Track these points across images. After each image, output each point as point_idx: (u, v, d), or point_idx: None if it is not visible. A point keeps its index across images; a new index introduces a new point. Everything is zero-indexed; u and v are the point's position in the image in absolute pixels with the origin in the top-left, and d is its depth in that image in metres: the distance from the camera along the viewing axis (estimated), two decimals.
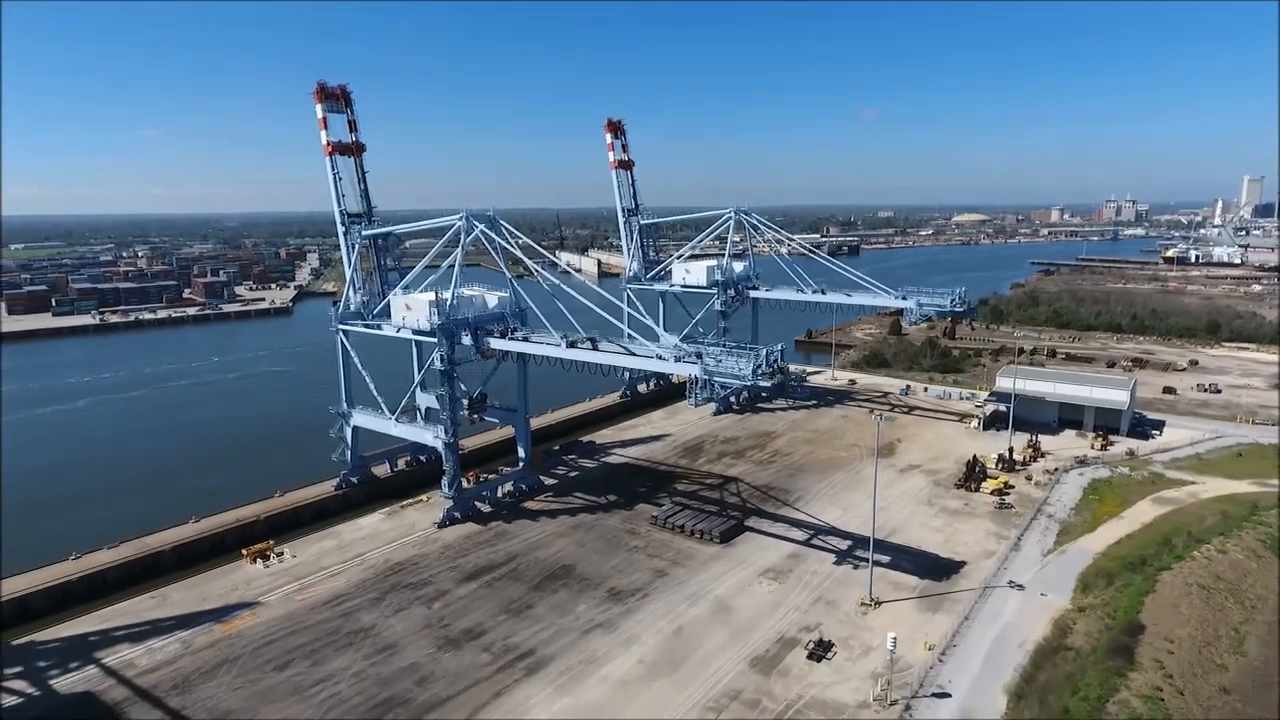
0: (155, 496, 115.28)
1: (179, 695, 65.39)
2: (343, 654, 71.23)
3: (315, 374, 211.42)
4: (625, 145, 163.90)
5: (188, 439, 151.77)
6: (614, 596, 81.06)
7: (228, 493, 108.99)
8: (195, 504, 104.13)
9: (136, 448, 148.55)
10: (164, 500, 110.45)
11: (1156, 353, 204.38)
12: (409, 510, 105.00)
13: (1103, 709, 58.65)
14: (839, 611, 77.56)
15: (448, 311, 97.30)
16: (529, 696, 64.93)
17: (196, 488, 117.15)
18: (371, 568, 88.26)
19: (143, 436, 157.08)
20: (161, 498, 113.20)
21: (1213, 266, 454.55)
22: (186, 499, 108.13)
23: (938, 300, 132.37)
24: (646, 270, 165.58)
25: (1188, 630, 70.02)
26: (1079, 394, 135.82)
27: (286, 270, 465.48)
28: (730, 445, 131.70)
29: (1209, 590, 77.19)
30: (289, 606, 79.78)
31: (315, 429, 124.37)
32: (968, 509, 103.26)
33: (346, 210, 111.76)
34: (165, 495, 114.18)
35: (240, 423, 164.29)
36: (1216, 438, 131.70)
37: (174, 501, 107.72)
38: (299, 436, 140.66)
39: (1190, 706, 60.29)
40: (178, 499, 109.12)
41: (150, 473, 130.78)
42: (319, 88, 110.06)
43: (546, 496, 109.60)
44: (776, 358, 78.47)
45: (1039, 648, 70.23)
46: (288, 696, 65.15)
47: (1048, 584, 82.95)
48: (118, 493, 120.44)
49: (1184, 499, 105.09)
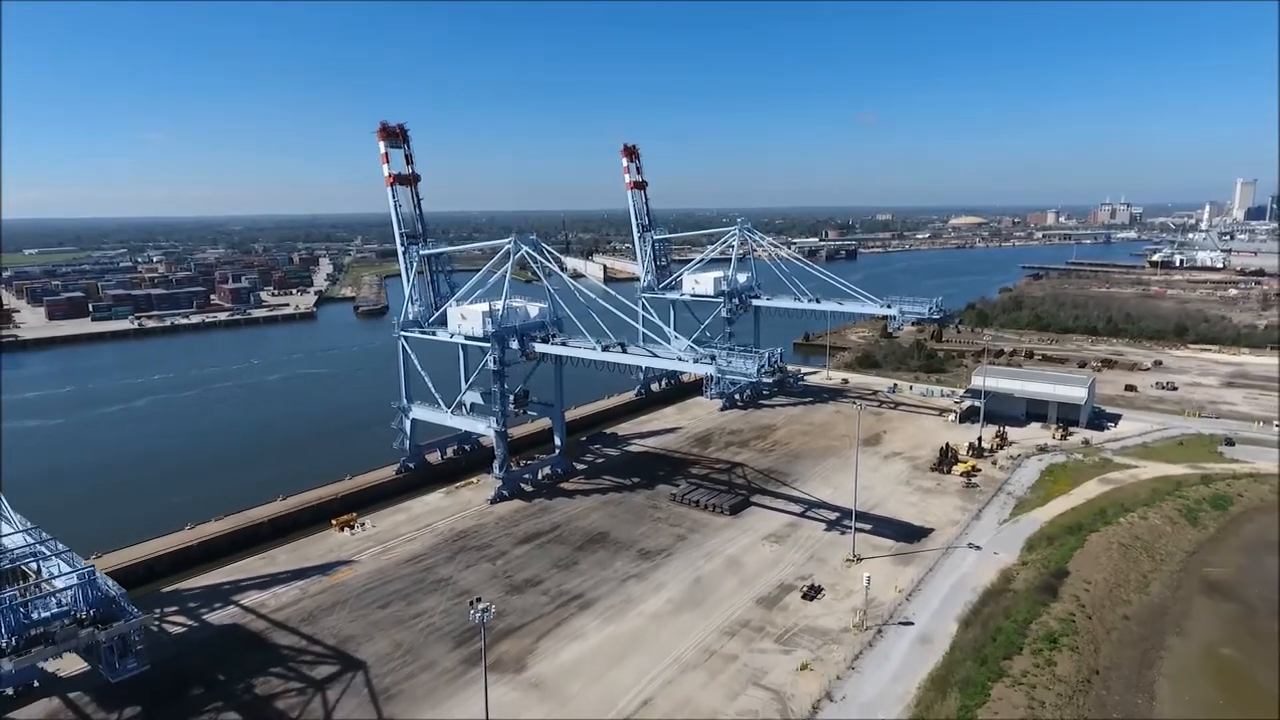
0: (237, 480, 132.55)
1: (308, 625, 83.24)
2: (430, 596, 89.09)
3: (350, 376, 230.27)
4: (639, 168, 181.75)
5: (251, 433, 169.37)
6: (644, 555, 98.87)
7: (300, 478, 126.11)
8: (277, 487, 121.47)
9: (204, 441, 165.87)
10: (246, 484, 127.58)
11: (1126, 354, 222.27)
12: (464, 490, 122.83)
13: (1026, 627, 76.48)
14: (827, 566, 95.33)
15: (499, 320, 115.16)
16: (583, 626, 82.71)
17: (274, 473, 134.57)
18: (440, 534, 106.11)
19: (208, 431, 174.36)
20: (243, 481, 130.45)
21: (1196, 271, 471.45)
22: (266, 482, 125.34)
23: (918, 308, 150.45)
24: (659, 280, 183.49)
25: (1103, 575, 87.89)
26: (1043, 391, 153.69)
27: (304, 276, 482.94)
28: (736, 436, 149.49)
29: (1127, 547, 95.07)
30: (379, 564, 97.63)
31: (361, 424, 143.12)
32: (939, 488, 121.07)
33: (406, 232, 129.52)
34: (246, 479, 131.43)
35: (293, 419, 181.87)
36: (1164, 429, 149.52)
37: (255, 485, 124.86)
38: (350, 430, 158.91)
39: (1095, 627, 78.15)
40: (257, 483, 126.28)
41: (225, 461, 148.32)
42: (382, 127, 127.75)
43: (579, 479, 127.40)
44: (777, 359, 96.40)
45: (986, 590, 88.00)
46: (393, 626, 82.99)
47: (1000, 545, 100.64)
48: (200, 477, 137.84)
49: (1125, 480, 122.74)
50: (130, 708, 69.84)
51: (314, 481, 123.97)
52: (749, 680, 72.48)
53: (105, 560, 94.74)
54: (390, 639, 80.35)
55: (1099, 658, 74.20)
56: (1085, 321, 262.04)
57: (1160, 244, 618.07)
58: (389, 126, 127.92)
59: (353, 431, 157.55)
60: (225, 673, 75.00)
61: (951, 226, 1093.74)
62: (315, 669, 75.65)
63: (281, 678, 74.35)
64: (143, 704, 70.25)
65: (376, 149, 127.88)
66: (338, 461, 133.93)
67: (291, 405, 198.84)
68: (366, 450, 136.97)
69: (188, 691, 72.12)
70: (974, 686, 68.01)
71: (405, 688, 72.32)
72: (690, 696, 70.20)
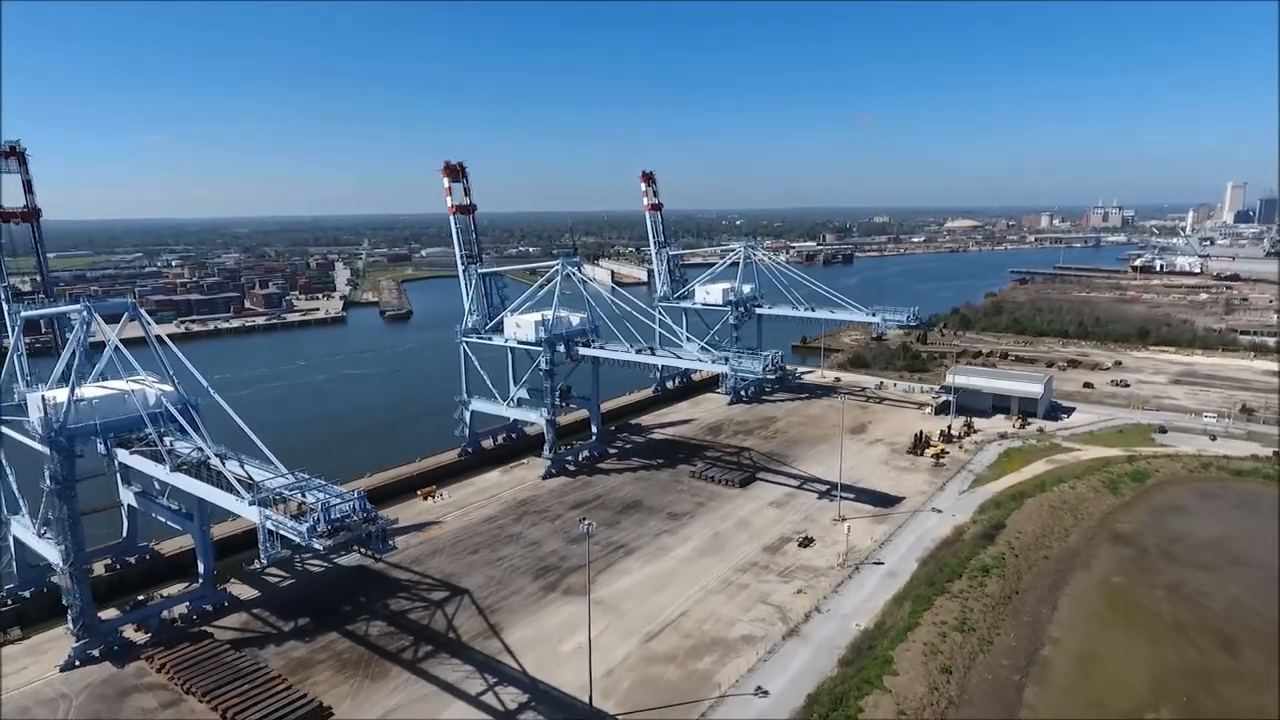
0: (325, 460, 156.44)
1: (418, 566, 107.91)
2: (507, 546, 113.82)
3: (391, 376, 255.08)
4: (656, 191, 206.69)
5: (318, 425, 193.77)
6: (672, 517, 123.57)
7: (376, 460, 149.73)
8: (361, 467, 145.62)
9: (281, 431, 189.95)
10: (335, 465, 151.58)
11: (1091, 355, 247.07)
12: (517, 469, 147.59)
13: (967, 562, 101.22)
14: (818, 524, 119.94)
15: (550, 328, 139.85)
16: (629, 566, 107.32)
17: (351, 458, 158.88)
18: (505, 502, 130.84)
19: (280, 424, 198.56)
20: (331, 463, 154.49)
21: (1174, 275, 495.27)
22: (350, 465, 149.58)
23: (898, 316, 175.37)
24: (674, 291, 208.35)
25: (1033, 528, 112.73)
26: (1006, 387, 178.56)
27: (326, 281, 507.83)
28: (742, 426, 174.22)
29: (1056, 509, 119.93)
30: (462, 523, 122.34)
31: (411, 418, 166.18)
32: (913, 467, 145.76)
33: (465, 253, 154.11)
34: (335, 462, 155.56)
35: (351, 414, 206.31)
36: (1109, 420, 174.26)
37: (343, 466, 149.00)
38: (401, 423, 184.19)
39: (1020, 563, 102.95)
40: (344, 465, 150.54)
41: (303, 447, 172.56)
42: (446, 165, 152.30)
43: (613, 460, 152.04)
44: (779, 359, 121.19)
45: (942, 541, 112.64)
46: (483, 566, 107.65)
47: (958, 510, 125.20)
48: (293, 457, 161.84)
49: (1068, 460, 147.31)
50: (301, 618, 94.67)
51: (389, 463, 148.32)
52: (758, 600, 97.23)
53: None
54: (483, 574, 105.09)
55: (1020, 583, 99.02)
56: (1058, 325, 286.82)
57: (1145, 249, 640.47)
58: (451, 165, 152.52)
59: (405, 424, 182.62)
60: (364, 596, 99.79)
61: (947, 229, 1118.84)
62: (431, 594, 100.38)
63: (407, 599, 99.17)
64: (309, 616, 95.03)
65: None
66: (402, 448, 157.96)
67: (345, 402, 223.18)
68: (424, 438, 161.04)
69: (339, 608, 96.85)
70: (922, 600, 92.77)
71: (502, 606, 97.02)
72: (714, 610, 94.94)
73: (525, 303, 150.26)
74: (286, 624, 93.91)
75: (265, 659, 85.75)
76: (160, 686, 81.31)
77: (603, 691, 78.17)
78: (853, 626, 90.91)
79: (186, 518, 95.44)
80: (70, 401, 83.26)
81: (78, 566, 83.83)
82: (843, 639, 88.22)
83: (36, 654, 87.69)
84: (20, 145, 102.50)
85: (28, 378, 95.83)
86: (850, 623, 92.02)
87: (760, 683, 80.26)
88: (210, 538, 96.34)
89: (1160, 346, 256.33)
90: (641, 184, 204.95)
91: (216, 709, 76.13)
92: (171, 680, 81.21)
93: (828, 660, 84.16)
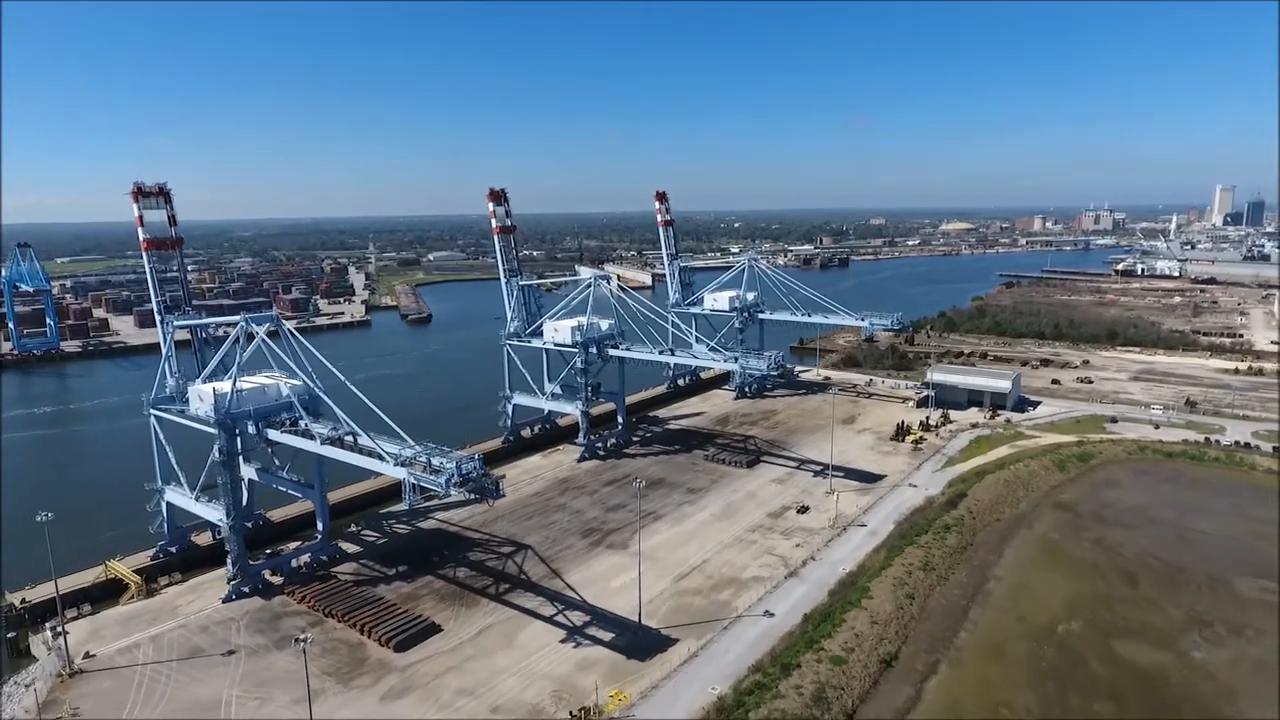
0: None
1: (485, 529, 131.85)
2: (556, 514, 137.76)
3: (422, 375, 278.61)
4: (669, 209, 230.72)
5: None
6: (690, 491, 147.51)
7: None
8: None
9: None
10: None
11: (1063, 354, 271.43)
12: (554, 454, 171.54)
13: (932, 523, 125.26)
14: (813, 496, 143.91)
15: (584, 332, 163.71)
16: (658, 528, 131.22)
17: None
18: (548, 480, 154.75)
19: None
20: None
21: (1154, 279, 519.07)
22: None
23: (884, 320, 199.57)
24: (684, 298, 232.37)
25: (989, 497, 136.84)
26: (979, 383, 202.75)
27: (346, 286, 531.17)
28: (747, 418, 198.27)
29: (1010, 483, 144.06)
30: (515, 497, 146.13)
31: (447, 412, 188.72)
32: (895, 451, 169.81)
33: (508, 268, 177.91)
34: None
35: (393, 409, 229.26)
36: (1070, 411, 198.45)
37: None
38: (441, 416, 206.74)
39: (976, 523, 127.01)
40: None
41: None
42: (490, 191, 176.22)
43: (636, 446, 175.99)
44: (780, 359, 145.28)
45: (915, 509, 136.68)
46: (538, 529, 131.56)
47: (930, 485, 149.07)
48: None
49: (1028, 445, 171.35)
50: (400, 565, 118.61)
51: None
52: (764, 552, 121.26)
53: (349, 489, 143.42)
54: (541, 534, 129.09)
55: (975, 538, 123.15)
56: (1035, 327, 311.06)
57: (1129, 252, 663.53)
58: (495, 190, 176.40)
59: (447, 416, 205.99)
60: (446, 551, 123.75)
61: (941, 232, 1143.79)
62: (500, 549, 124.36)
63: (482, 553, 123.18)
64: (406, 564, 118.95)
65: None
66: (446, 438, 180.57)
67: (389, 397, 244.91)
68: (467, 427, 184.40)
69: (429, 559, 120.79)
70: (895, 549, 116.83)
71: (560, 556, 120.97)
72: (730, 559, 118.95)
73: (560, 310, 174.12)
74: (389, 570, 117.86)
75: (380, 594, 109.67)
76: (303, 613, 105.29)
77: (646, 614, 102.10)
78: (840, 570, 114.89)
79: (308, 487, 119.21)
80: (233, 392, 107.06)
81: (238, 521, 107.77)
82: (832, 578, 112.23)
83: (197, 591, 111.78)
84: (166, 185, 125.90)
85: (175, 374, 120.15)
86: (838, 568, 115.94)
87: (768, 608, 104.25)
88: (328, 503, 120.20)
89: (1126, 347, 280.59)
90: (656, 202, 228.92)
91: (354, 626, 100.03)
92: (313, 608, 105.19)
93: (820, 593, 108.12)
